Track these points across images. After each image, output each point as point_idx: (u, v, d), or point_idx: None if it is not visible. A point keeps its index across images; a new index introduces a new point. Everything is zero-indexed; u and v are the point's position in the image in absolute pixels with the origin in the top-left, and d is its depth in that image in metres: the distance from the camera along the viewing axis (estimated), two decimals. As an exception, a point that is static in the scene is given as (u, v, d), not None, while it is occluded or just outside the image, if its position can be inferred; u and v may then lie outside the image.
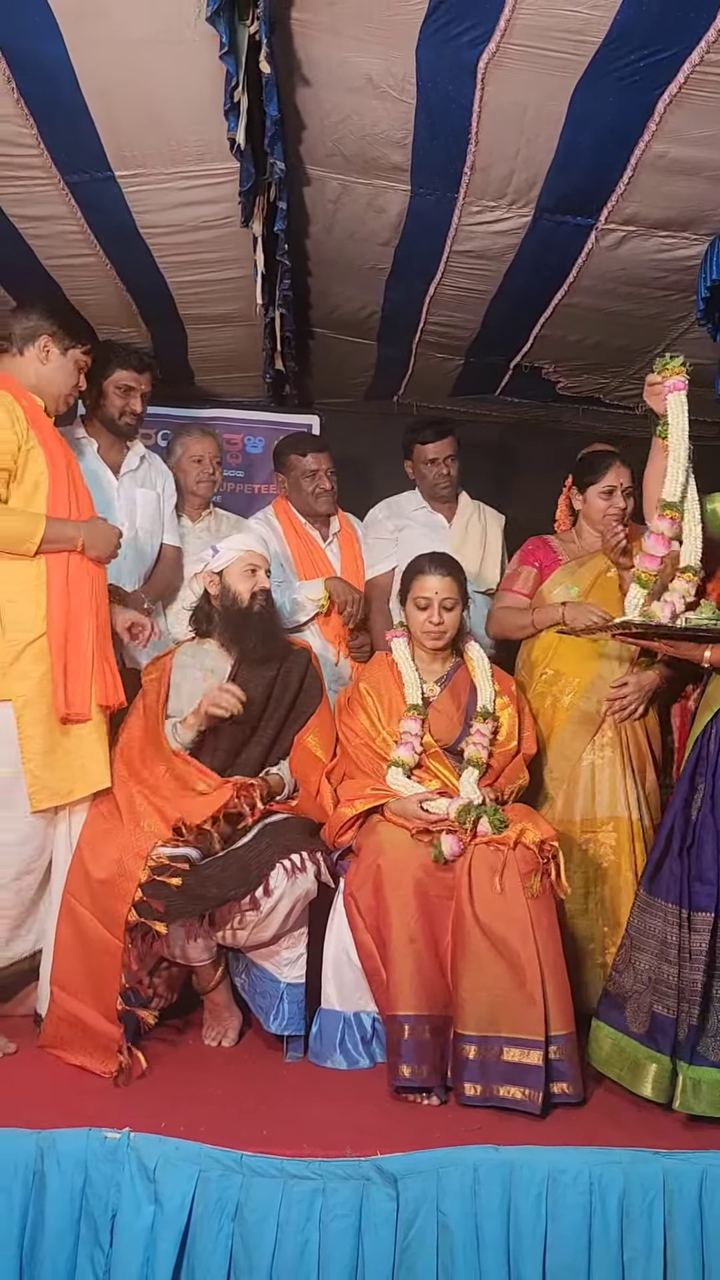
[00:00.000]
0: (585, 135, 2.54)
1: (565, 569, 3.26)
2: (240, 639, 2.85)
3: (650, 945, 2.44)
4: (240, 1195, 1.99)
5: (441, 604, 2.87)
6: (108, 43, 2.36)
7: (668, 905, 2.42)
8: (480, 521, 3.78)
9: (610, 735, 3.02)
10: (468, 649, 2.96)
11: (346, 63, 2.41)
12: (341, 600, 3.38)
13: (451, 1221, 2.01)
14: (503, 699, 2.88)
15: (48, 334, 2.80)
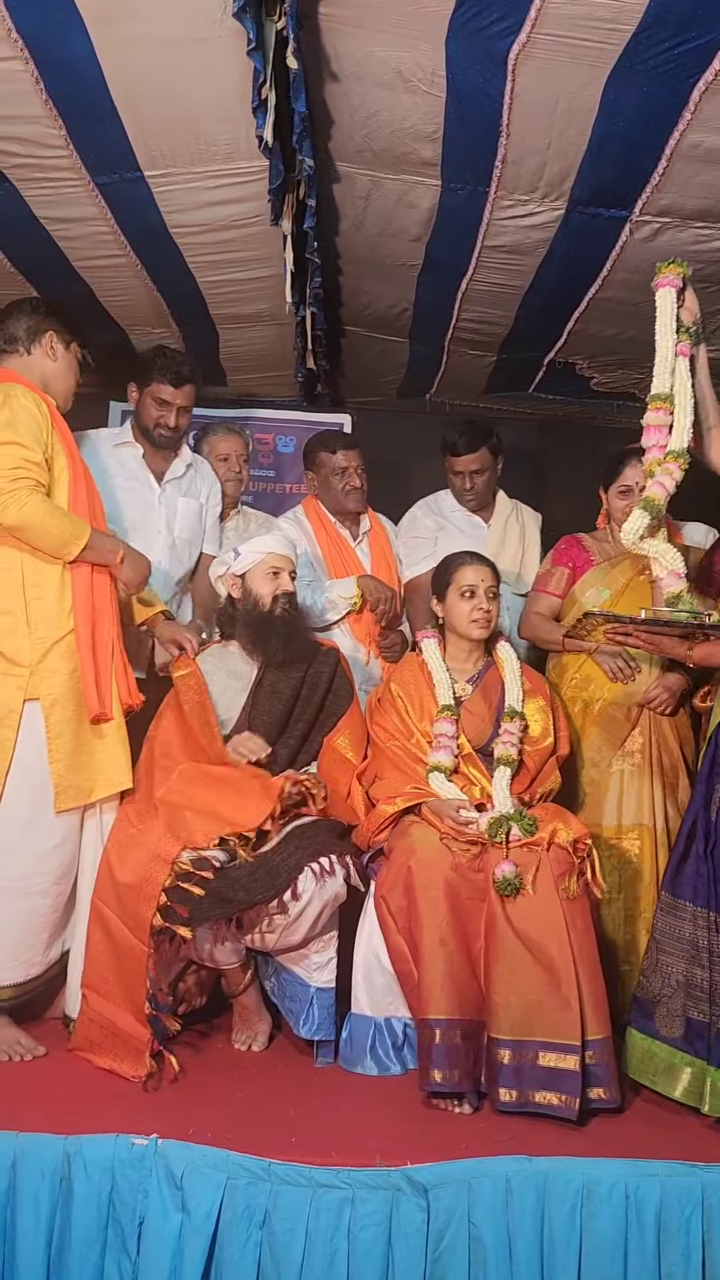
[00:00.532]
0: (618, 125, 2.49)
1: (598, 570, 3.22)
2: (262, 643, 2.83)
3: (679, 949, 2.41)
4: (268, 1203, 1.97)
5: (486, 591, 2.88)
6: (135, 42, 2.34)
7: (695, 908, 2.39)
8: (518, 521, 3.75)
9: (640, 742, 2.99)
10: (498, 648, 2.93)
11: (375, 57, 2.38)
12: (374, 598, 3.36)
13: (483, 1234, 1.98)
14: (536, 699, 2.85)
15: (52, 330, 2.81)
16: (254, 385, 4.43)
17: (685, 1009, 2.36)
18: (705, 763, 2.50)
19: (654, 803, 2.94)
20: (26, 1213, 1.97)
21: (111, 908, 2.45)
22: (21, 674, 2.54)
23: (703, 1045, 2.31)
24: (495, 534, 3.68)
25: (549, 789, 2.76)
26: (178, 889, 2.37)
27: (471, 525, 3.70)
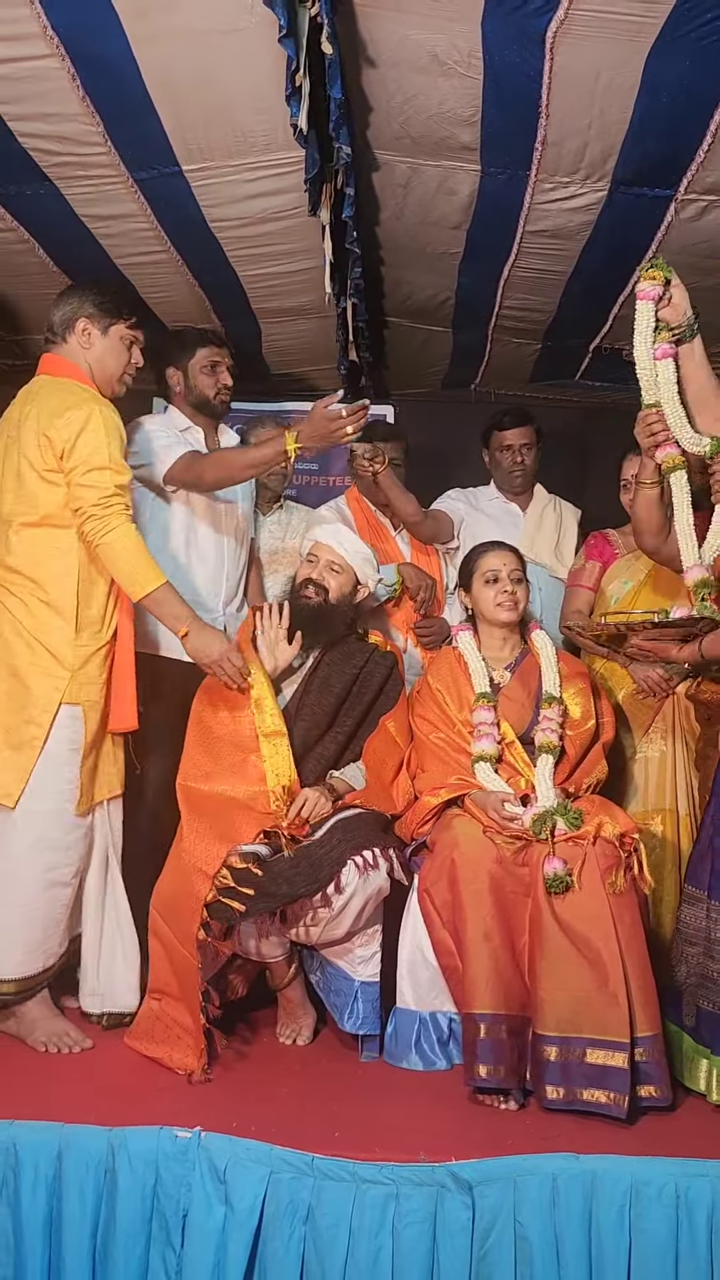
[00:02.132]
0: (661, 102, 2.43)
1: (622, 562, 3.30)
2: (291, 625, 2.84)
3: (696, 939, 2.41)
4: (311, 1199, 1.96)
5: (510, 575, 2.88)
6: (169, 35, 2.34)
7: (711, 901, 2.37)
8: (555, 512, 3.77)
9: (661, 728, 3.03)
10: (533, 635, 2.90)
11: (410, 40, 2.35)
12: (415, 585, 3.38)
13: (530, 1233, 1.95)
14: (575, 682, 2.82)
15: (85, 316, 2.79)
16: (297, 378, 4.42)
17: (698, 1000, 2.37)
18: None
19: (677, 787, 2.98)
20: (72, 1204, 1.99)
21: (164, 917, 2.50)
22: (63, 676, 2.58)
23: (714, 1037, 2.33)
24: (532, 520, 3.71)
25: (595, 779, 2.71)
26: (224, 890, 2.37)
27: (507, 514, 3.71)
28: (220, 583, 3.20)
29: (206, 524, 3.18)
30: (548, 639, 2.88)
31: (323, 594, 2.87)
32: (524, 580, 2.91)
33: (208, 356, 3.25)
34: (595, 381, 4.41)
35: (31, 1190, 2.00)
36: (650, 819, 2.93)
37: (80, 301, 2.83)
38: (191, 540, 3.15)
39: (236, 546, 3.29)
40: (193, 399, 3.28)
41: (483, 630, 2.91)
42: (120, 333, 2.82)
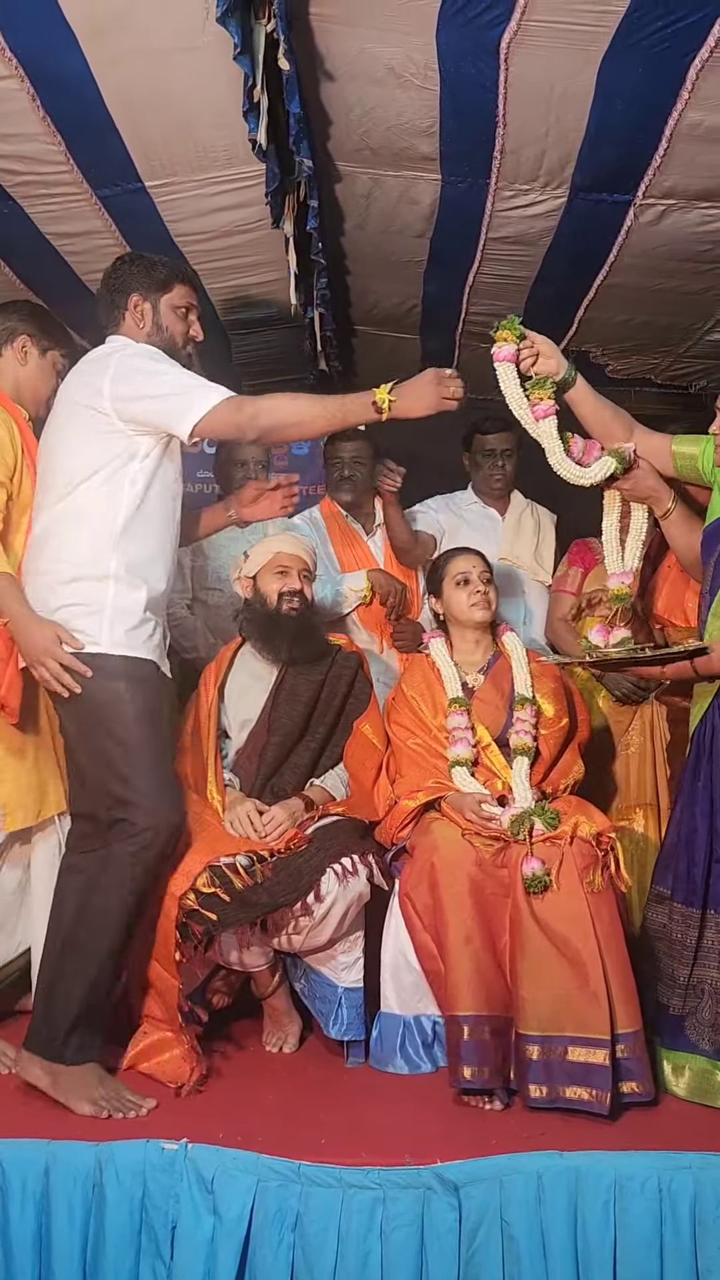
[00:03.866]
0: (616, 109, 2.47)
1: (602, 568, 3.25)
2: (271, 642, 2.83)
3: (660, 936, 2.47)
4: (299, 1205, 1.97)
5: (480, 576, 2.91)
6: (128, 55, 2.36)
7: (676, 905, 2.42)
8: (533, 516, 3.81)
9: (640, 725, 3.08)
10: (504, 638, 2.92)
11: (366, 54, 2.38)
12: (384, 591, 3.40)
13: (516, 1231, 1.97)
14: (547, 682, 2.84)
15: (26, 334, 2.76)
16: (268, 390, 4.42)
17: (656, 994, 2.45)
18: (690, 758, 2.50)
19: (658, 782, 3.05)
20: (61, 1219, 1.99)
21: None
22: None
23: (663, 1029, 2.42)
24: (510, 525, 3.74)
25: (572, 779, 2.73)
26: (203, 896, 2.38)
27: (487, 519, 3.74)
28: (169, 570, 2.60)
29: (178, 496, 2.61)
30: (518, 641, 2.90)
31: (305, 603, 2.88)
32: (493, 582, 2.93)
33: (184, 297, 2.62)
34: (564, 385, 4.44)
35: (20, 1207, 2.00)
36: (632, 814, 2.96)
37: (24, 319, 2.80)
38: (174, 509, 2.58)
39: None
40: (159, 340, 2.56)
41: (455, 634, 2.93)
42: (55, 359, 2.81)
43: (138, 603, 2.41)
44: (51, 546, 2.43)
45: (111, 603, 2.39)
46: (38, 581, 2.44)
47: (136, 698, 2.37)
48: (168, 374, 2.43)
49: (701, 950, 2.38)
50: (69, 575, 2.39)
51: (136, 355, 2.47)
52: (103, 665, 2.36)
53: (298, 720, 2.77)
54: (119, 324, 2.57)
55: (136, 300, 2.55)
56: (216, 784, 2.70)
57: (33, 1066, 2.29)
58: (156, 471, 2.46)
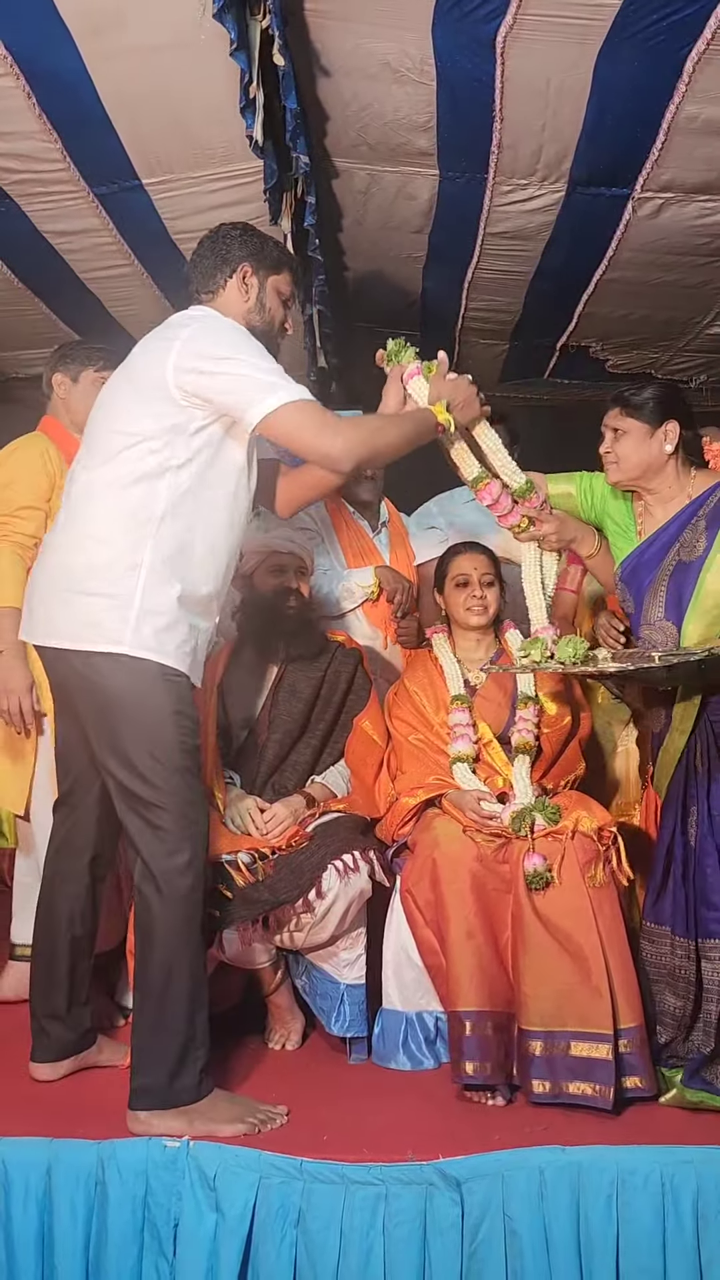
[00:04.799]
0: (613, 102, 2.47)
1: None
2: (268, 640, 2.83)
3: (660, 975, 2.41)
4: (302, 1202, 1.97)
5: (481, 579, 2.88)
6: (123, 52, 2.36)
7: (674, 937, 2.38)
8: None
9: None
10: (506, 636, 2.91)
11: (362, 49, 2.38)
12: (390, 589, 3.37)
13: (519, 1226, 1.97)
14: (550, 681, 2.83)
15: (57, 372, 2.96)
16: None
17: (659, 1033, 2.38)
18: (676, 783, 2.45)
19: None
20: (64, 1218, 1.99)
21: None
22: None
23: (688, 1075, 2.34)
24: None
25: (574, 776, 2.73)
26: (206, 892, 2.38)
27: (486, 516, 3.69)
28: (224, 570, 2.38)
29: (245, 485, 2.36)
30: (521, 638, 2.89)
31: (301, 600, 2.88)
32: (495, 582, 2.91)
33: (289, 284, 2.45)
34: (564, 379, 4.45)
35: (23, 1206, 2.00)
36: (632, 810, 2.95)
37: (56, 361, 2.98)
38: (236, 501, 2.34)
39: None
40: (259, 319, 2.38)
41: (456, 632, 2.92)
42: (90, 379, 2.90)
43: (170, 601, 2.17)
44: (82, 519, 2.20)
45: (140, 598, 2.14)
46: (58, 559, 2.23)
47: (169, 692, 2.17)
48: (253, 354, 2.20)
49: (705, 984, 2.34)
50: (95, 557, 2.16)
51: (223, 326, 2.25)
52: (126, 668, 2.15)
53: (298, 717, 2.77)
54: (218, 291, 2.35)
55: (247, 271, 2.34)
56: (218, 782, 2.69)
57: (161, 1122, 2.10)
58: (212, 461, 2.22)
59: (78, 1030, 2.39)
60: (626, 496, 2.59)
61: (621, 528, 2.59)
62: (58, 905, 2.40)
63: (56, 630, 2.21)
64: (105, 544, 2.17)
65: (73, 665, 2.19)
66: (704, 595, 2.39)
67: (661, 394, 2.51)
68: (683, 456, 2.51)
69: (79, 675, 2.19)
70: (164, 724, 2.17)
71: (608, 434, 2.53)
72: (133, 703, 2.16)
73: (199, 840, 2.20)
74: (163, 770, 2.16)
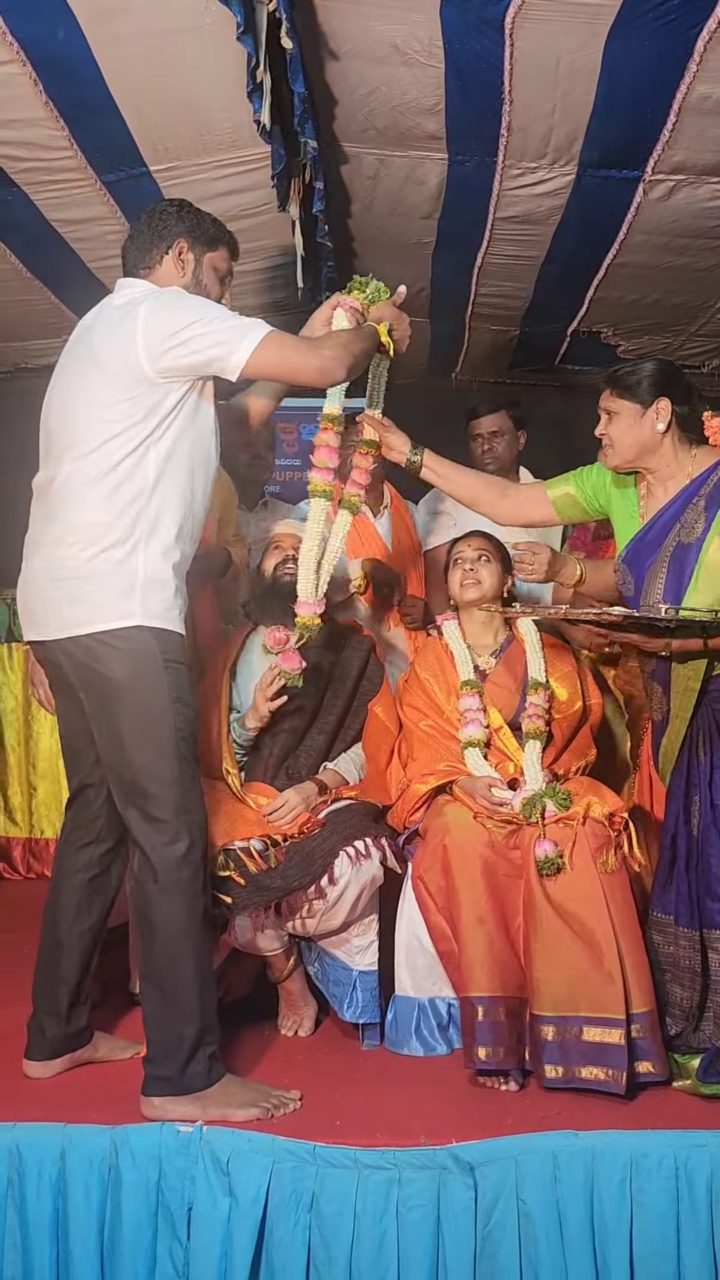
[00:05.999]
0: (623, 83, 2.45)
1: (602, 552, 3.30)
2: (265, 611, 2.82)
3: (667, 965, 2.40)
4: (315, 1187, 1.97)
5: (477, 555, 2.88)
6: (129, 37, 2.35)
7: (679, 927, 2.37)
8: None
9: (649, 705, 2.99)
10: (518, 621, 2.90)
11: (370, 32, 2.36)
12: (377, 582, 3.37)
13: (532, 1210, 1.96)
14: (561, 666, 2.82)
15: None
16: (276, 375, 4.42)
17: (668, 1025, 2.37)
18: (679, 773, 2.42)
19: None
20: (78, 1203, 2.00)
21: None
22: None
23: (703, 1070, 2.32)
24: None
25: (584, 762, 2.72)
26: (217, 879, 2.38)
27: None
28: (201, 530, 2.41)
29: (215, 444, 2.38)
30: (532, 624, 2.89)
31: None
32: (492, 560, 2.88)
33: (227, 260, 2.46)
34: (575, 365, 4.42)
35: (36, 1191, 2.01)
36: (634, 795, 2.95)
37: None
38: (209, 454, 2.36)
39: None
40: (195, 294, 2.36)
41: (464, 617, 2.92)
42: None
43: (169, 569, 2.22)
44: (70, 511, 2.21)
45: (144, 572, 2.19)
46: (52, 553, 2.23)
47: (169, 678, 2.19)
48: (208, 309, 2.23)
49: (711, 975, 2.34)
50: (94, 542, 2.18)
51: (170, 297, 2.26)
52: (136, 641, 2.17)
53: (311, 701, 2.77)
54: (154, 266, 2.35)
55: (183, 246, 2.36)
56: (230, 761, 2.70)
57: (175, 1108, 2.11)
58: (190, 422, 2.26)
59: (74, 1028, 2.39)
60: (629, 481, 2.56)
61: (626, 512, 2.55)
62: (64, 897, 2.41)
63: (65, 622, 2.21)
64: (102, 528, 2.18)
65: (77, 656, 2.21)
66: (705, 571, 2.34)
67: (652, 371, 2.43)
68: (680, 434, 2.44)
69: (83, 666, 2.21)
70: (164, 712, 2.19)
71: (602, 416, 2.49)
72: (133, 690, 2.18)
73: (197, 829, 2.21)
74: (163, 761, 2.18)
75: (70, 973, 2.39)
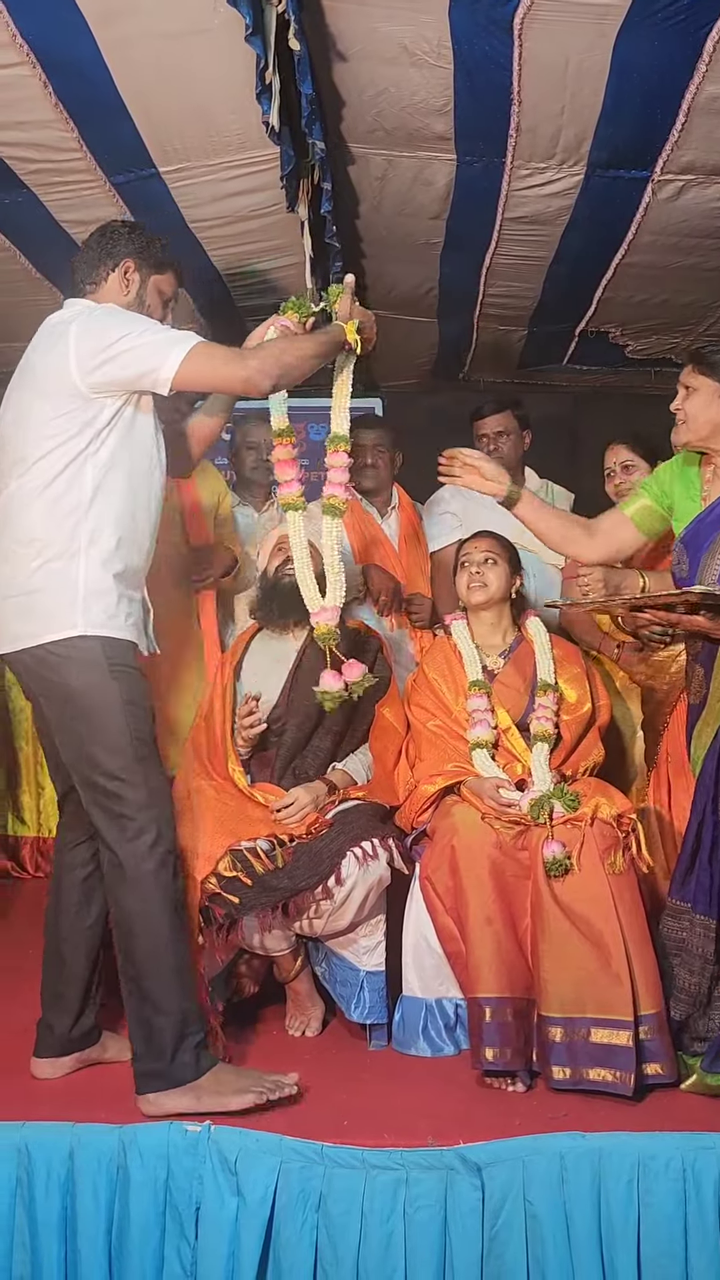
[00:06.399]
0: (632, 83, 2.44)
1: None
2: (264, 609, 2.84)
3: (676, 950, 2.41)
4: (323, 1187, 1.98)
5: (483, 557, 2.88)
6: (138, 39, 2.35)
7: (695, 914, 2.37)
8: (547, 496, 3.74)
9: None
10: (527, 623, 2.90)
11: (378, 33, 2.36)
12: (377, 589, 3.38)
13: (540, 1211, 1.97)
14: (570, 667, 2.82)
15: None
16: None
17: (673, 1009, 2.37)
18: (711, 759, 2.41)
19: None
20: (86, 1201, 2.01)
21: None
22: None
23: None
24: None
25: (592, 763, 2.72)
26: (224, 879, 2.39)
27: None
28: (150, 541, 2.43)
29: (158, 457, 2.43)
30: (542, 625, 2.88)
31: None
32: (499, 562, 2.88)
33: (172, 285, 2.51)
34: (584, 365, 4.42)
35: (45, 1190, 2.02)
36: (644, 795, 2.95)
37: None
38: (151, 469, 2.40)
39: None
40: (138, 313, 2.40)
41: (472, 618, 2.92)
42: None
43: (110, 578, 2.26)
44: (15, 525, 2.26)
45: (84, 582, 2.23)
46: (3, 569, 2.28)
47: (119, 683, 2.23)
48: (137, 324, 2.27)
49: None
50: (36, 555, 2.23)
51: (101, 313, 2.32)
52: (82, 650, 2.22)
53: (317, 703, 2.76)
54: (100, 283, 2.40)
55: (129, 266, 2.40)
56: (235, 761, 2.71)
57: (169, 1101, 2.13)
58: (127, 435, 2.30)
59: (82, 1027, 2.41)
60: (694, 461, 2.54)
61: (688, 495, 2.54)
62: (64, 896, 2.44)
63: (16, 635, 2.27)
64: (43, 542, 2.24)
65: (31, 667, 2.26)
66: None
67: None
68: None
69: (37, 676, 2.27)
70: (115, 716, 2.23)
71: (680, 391, 2.49)
72: (84, 696, 2.23)
73: (164, 823, 2.25)
74: (120, 761, 2.22)
75: (76, 970, 2.40)
